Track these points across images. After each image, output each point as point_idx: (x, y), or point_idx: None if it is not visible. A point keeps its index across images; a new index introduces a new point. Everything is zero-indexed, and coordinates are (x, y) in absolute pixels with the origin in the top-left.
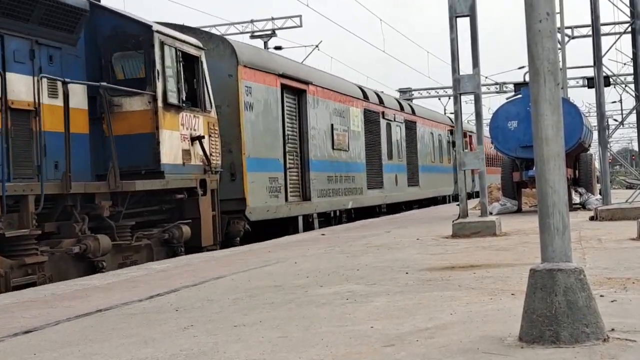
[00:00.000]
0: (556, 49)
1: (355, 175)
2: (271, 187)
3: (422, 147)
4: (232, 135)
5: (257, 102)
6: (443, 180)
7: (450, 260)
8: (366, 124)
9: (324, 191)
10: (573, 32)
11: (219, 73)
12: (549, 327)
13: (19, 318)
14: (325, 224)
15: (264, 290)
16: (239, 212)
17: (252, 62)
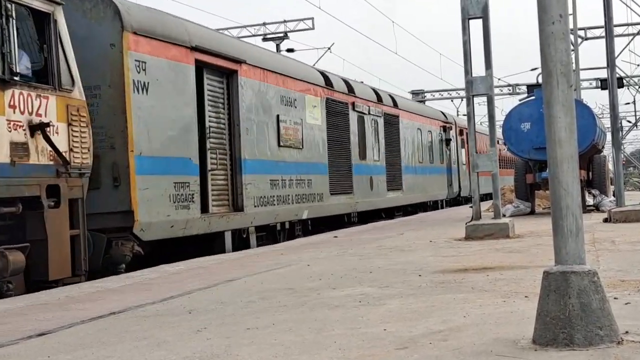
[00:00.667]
0: (569, 51)
1: (312, 178)
2: (178, 195)
3: (407, 146)
4: (115, 125)
5: (156, 82)
6: (434, 183)
7: (463, 263)
8: (330, 117)
9: (264, 199)
10: (586, 33)
11: (99, 41)
12: (563, 329)
13: (32, 321)
14: (269, 240)
15: (276, 293)
16: (125, 229)
17: (146, 28)
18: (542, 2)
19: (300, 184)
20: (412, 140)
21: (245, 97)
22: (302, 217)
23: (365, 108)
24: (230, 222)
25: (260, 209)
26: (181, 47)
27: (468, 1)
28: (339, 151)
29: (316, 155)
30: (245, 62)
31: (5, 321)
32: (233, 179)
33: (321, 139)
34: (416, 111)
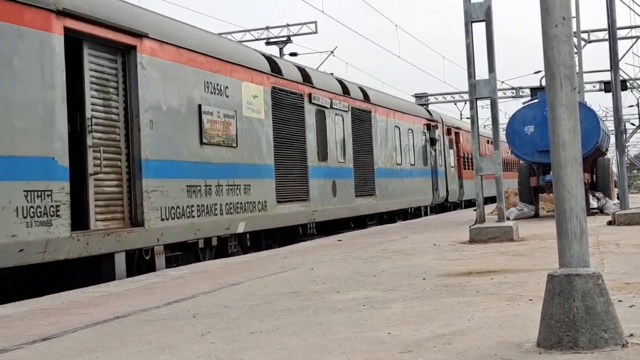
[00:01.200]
0: (572, 53)
1: (252, 183)
2: (32, 207)
3: (382, 145)
4: None
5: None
6: (416, 188)
7: (468, 266)
8: (277, 110)
9: (178, 210)
10: (589, 36)
11: None
12: (567, 332)
13: (37, 325)
14: (190, 259)
15: (280, 297)
16: None
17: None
18: (545, 4)
19: (234, 191)
20: (388, 140)
21: (150, 81)
22: (236, 231)
23: (326, 101)
24: (123, 241)
25: (171, 222)
26: (40, 10)
27: (471, 5)
28: (291, 151)
29: (257, 156)
30: (148, 35)
31: (9, 325)
32: (132, 184)
33: (265, 136)
34: (393, 107)
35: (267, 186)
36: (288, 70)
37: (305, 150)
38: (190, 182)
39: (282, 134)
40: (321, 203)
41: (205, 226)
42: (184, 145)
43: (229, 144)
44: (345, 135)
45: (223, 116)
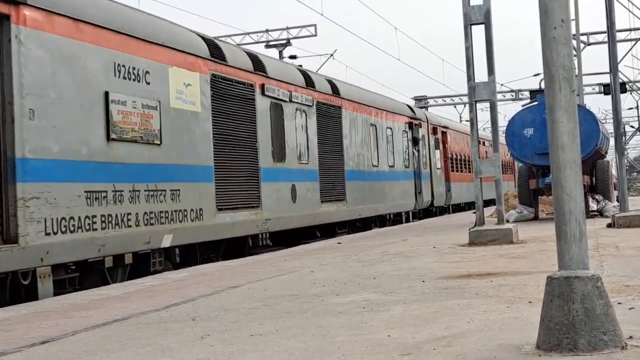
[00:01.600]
0: (571, 56)
1: (182, 187)
2: None
3: (354, 145)
4: None
5: None
6: (396, 192)
7: (467, 269)
8: (219, 101)
9: (72, 222)
10: (589, 38)
11: None
12: (567, 335)
13: (36, 328)
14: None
15: (280, 300)
16: None
17: None
18: (544, 7)
19: (156, 197)
20: (362, 139)
21: (30, 61)
22: (160, 245)
23: (284, 93)
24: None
25: (61, 237)
26: None
27: (470, 7)
28: (237, 150)
29: (190, 155)
30: (27, 3)
31: (8, 328)
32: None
33: (202, 132)
34: (368, 102)
35: (204, 191)
36: (234, 56)
37: (257, 149)
38: (91, 187)
39: (226, 130)
40: (276, 210)
41: (113, 241)
42: (83, 142)
43: (150, 140)
44: (308, 133)
45: (141, 107)
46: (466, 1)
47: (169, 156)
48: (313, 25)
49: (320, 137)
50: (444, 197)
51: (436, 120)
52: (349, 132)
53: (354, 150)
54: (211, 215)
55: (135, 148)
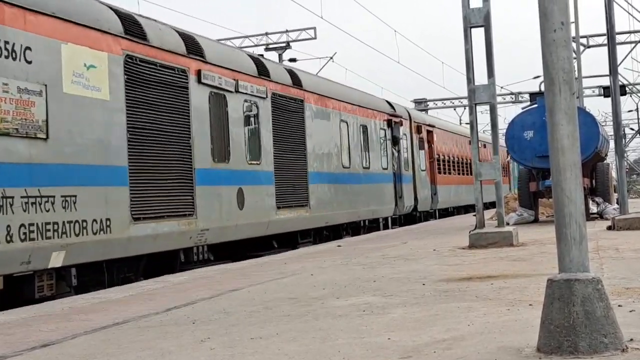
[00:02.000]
0: (571, 58)
1: (79, 192)
2: None
3: (320, 143)
4: None
5: None
6: (372, 196)
7: (467, 271)
8: (135, 89)
9: None
10: (588, 41)
11: None
12: (567, 337)
13: (36, 332)
14: None
15: (280, 303)
16: None
17: None
18: (544, 9)
19: (40, 205)
20: (330, 137)
21: None
22: (49, 265)
23: (229, 82)
24: None
25: None
26: None
27: (470, 10)
28: (163, 147)
29: (93, 153)
30: None
31: (9, 332)
32: None
33: (111, 125)
34: (339, 96)
35: (114, 197)
36: (159, 34)
37: (190, 147)
38: None
39: (146, 123)
40: (217, 219)
41: None
42: None
43: (30, 133)
44: (261, 130)
45: (16, 91)
46: (466, 4)
47: (60, 154)
48: (313, 28)
49: (277, 134)
50: (429, 201)
51: (421, 118)
52: (314, 129)
53: (321, 150)
54: (124, 227)
55: (6, 143)
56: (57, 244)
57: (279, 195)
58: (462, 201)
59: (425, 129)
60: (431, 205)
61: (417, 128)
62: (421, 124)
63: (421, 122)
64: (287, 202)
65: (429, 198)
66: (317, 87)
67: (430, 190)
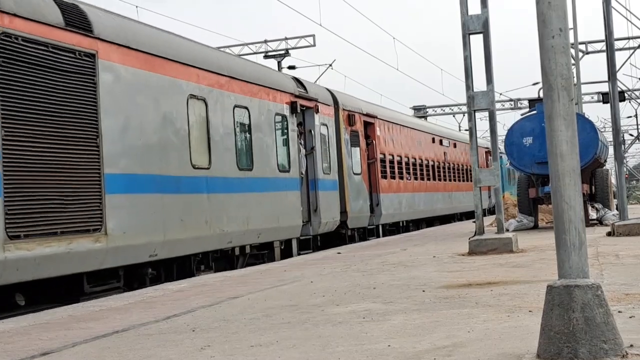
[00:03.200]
0: (569, 65)
1: None
2: None
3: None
4: None
5: None
6: (261, 210)
7: (467, 278)
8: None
9: None
10: (587, 47)
11: None
12: (567, 343)
13: (36, 340)
14: None
15: (280, 310)
16: None
17: None
18: (542, 16)
19: None
20: (162, 119)
21: None
22: None
23: None
24: None
25: None
26: None
27: (468, 17)
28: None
29: None
30: None
31: (9, 340)
32: None
33: None
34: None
35: None
36: None
37: None
38: None
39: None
40: None
41: None
42: None
43: None
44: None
45: None
46: (464, 11)
47: None
48: (312, 35)
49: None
50: (366, 215)
51: (354, 105)
52: (121, 106)
53: (138, 140)
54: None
55: None
56: None
57: (16, 214)
58: (419, 214)
59: (360, 120)
60: (370, 219)
61: (347, 118)
62: (354, 112)
63: (355, 111)
64: (40, 227)
65: (366, 211)
66: (133, 38)
67: (368, 201)
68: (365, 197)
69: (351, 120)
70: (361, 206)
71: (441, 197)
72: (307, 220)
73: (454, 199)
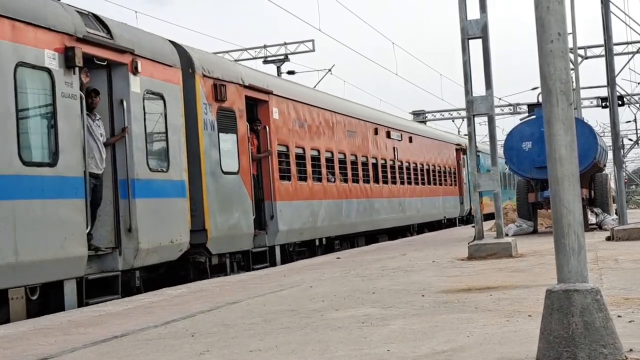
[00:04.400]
0: (568, 69)
1: None
2: None
3: None
4: None
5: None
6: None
7: (467, 282)
8: None
9: None
10: (586, 52)
11: None
12: (566, 348)
13: (35, 345)
14: None
15: (279, 315)
16: None
17: None
18: (541, 20)
19: None
20: None
21: None
22: None
23: None
24: None
25: None
26: None
27: (467, 22)
28: None
29: None
30: None
31: (8, 346)
32: None
33: None
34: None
35: None
36: None
37: None
38: None
39: None
40: None
41: None
42: None
43: None
44: None
45: None
46: (463, 15)
47: None
48: (311, 40)
49: None
50: (246, 233)
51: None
52: None
53: None
54: None
55: None
56: None
57: None
58: (368, 224)
59: (240, 95)
60: (260, 239)
61: (213, 89)
62: (227, 82)
63: (227, 80)
64: None
65: (246, 227)
66: None
67: (252, 213)
68: (246, 207)
69: (220, 94)
70: (236, 220)
71: (387, 205)
72: (116, 246)
73: (408, 206)
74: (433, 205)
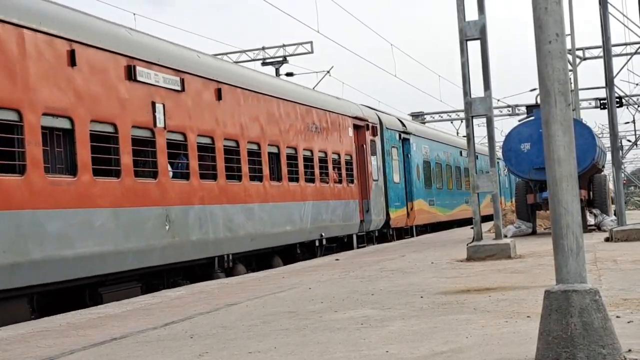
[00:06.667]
0: (566, 70)
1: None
2: None
3: None
4: None
5: None
6: None
7: (466, 284)
8: None
9: None
10: (584, 53)
11: None
12: (565, 348)
13: (34, 347)
14: None
15: (278, 317)
16: None
17: None
18: (539, 21)
19: None
20: None
21: None
22: None
23: None
24: None
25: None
26: None
27: (466, 23)
28: None
29: None
30: None
31: (7, 348)
32: None
33: None
34: None
35: None
36: None
37: None
38: None
39: None
40: None
41: None
42: None
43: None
44: None
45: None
46: (462, 17)
47: None
48: (309, 42)
49: None
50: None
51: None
52: None
53: None
54: None
55: None
56: None
57: None
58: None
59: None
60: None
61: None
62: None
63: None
64: None
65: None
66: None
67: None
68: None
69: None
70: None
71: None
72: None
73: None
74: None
